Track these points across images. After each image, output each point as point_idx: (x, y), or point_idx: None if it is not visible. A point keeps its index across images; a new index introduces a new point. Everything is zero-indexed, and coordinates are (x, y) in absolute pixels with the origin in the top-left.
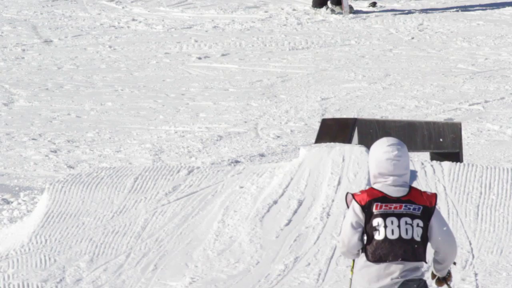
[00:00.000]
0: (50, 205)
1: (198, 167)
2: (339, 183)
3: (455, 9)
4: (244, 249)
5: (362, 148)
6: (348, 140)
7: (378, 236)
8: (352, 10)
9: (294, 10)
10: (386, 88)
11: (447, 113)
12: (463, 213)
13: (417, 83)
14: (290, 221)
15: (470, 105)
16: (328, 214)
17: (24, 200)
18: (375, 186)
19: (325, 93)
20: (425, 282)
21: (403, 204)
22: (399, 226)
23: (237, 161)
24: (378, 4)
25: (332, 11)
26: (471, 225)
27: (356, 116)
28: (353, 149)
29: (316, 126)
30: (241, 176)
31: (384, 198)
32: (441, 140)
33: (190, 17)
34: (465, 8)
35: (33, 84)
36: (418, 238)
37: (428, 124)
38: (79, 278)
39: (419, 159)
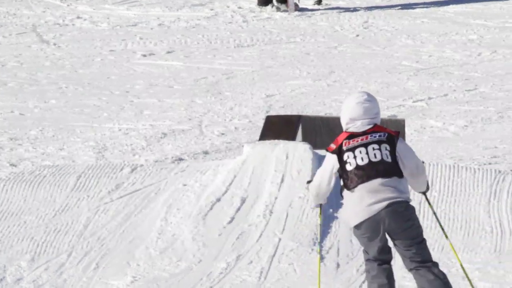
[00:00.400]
0: None
1: (141, 165)
2: (282, 180)
3: (399, 7)
4: (187, 247)
5: (306, 146)
6: (292, 138)
7: (350, 166)
8: (297, 8)
9: (239, 7)
10: (331, 85)
11: (391, 110)
12: None
13: (361, 80)
14: (233, 219)
15: (413, 101)
16: (271, 212)
17: None
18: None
19: (270, 90)
20: (413, 207)
21: (369, 135)
22: (367, 153)
23: (180, 159)
24: (324, 2)
25: (278, 8)
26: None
27: (300, 113)
28: (297, 147)
29: (261, 123)
30: (185, 173)
31: (351, 136)
32: None
33: (136, 14)
34: (409, 6)
35: None
36: (388, 159)
37: None
38: (20, 278)
39: None
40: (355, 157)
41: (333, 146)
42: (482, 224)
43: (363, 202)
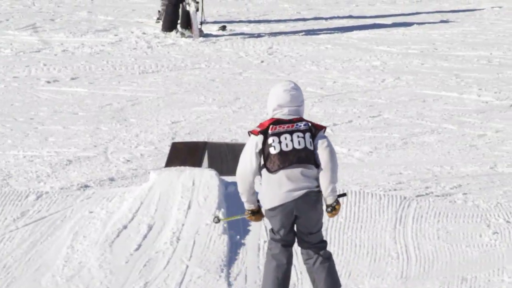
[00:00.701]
0: None
1: (47, 192)
2: (189, 207)
3: (303, 33)
4: (94, 275)
5: (212, 172)
6: (198, 164)
7: (274, 150)
8: (202, 34)
9: (144, 33)
10: (236, 112)
11: None
12: None
13: (266, 106)
14: (140, 246)
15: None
16: (178, 239)
17: None
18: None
19: (175, 117)
20: (322, 197)
21: (295, 124)
22: (292, 140)
23: (86, 186)
24: (228, 28)
25: (182, 34)
26: None
27: (206, 140)
28: (203, 173)
29: (166, 150)
30: (91, 201)
31: (278, 121)
32: None
33: (39, 41)
34: (313, 32)
35: None
36: (310, 147)
37: None
38: None
39: None
40: (280, 142)
41: (258, 129)
42: (388, 250)
43: (282, 187)
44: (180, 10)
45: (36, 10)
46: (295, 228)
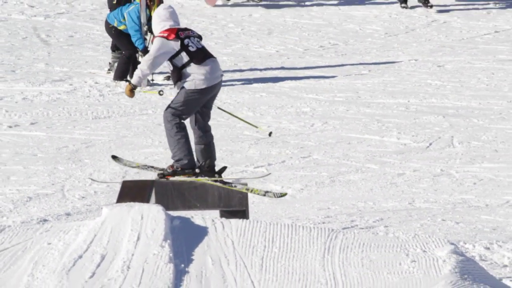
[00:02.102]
0: None
1: (9, 226)
2: (138, 238)
3: (241, 82)
4: None
5: (159, 207)
6: (147, 200)
7: (193, 48)
8: (149, 83)
9: (96, 83)
10: None
11: (235, 175)
12: (249, 264)
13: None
14: (94, 273)
15: (255, 167)
16: (129, 267)
17: None
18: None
19: (125, 158)
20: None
21: (190, 31)
22: (193, 42)
23: (45, 220)
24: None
25: None
26: (256, 276)
27: (153, 179)
28: (151, 208)
29: (118, 187)
30: (49, 233)
31: (180, 29)
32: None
33: (1, 89)
34: (249, 82)
35: None
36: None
37: (218, 185)
38: None
39: (210, 217)
40: (192, 42)
41: (170, 35)
42: (317, 277)
43: (213, 72)
44: (131, 65)
45: None
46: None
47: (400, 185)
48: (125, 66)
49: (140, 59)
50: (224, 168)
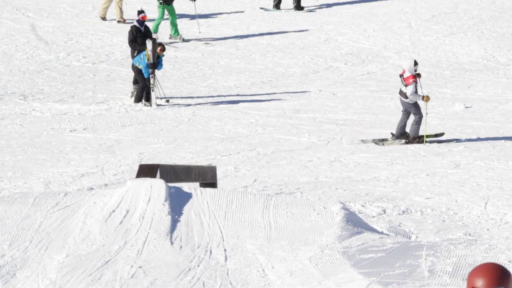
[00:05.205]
0: None
1: (70, 192)
2: (149, 200)
3: (212, 104)
4: (96, 236)
5: (162, 181)
6: (154, 176)
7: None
8: (156, 104)
9: (123, 104)
10: (175, 147)
11: (209, 161)
12: (217, 216)
13: (192, 144)
14: (122, 222)
15: (221, 156)
16: (143, 217)
17: None
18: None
19: (141, 150)
20: None
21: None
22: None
23: (92, 188)
24: (170, 101)
25: (145, 104)
26: (222, 223)
27: (158, 163)
28: (157, 181)
29: (136, 168)
30: (94, 196)
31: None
32: (205, 175)
33: (65, 108)
34: (217, 103)
35: None
36: None
37: (198, 167)
38: None
39: (193, 187)
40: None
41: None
42: (259, 224)
43: None
44: (144, 92)
45: (63, 91)
46: None
47: (310, 167)
48: (141, 94)
49: (152, 91)
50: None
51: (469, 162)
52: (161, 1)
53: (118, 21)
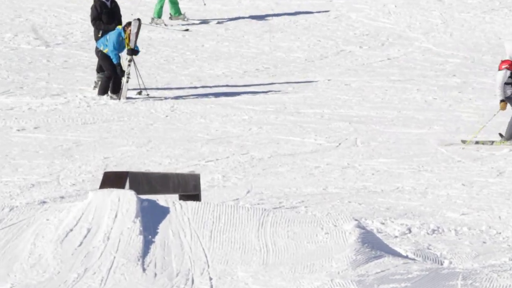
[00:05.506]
0: None
1: (17, 206)
2: (116, 216)
3: (195, 96)
4: (49, 262)
5: (132, 192)
6: (122, 187)
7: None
8: (125, 97)
9: (85, 96)
10: (149, 150)
11: (190, 167)
12: (201, 236)
13: (169, 147)
14: (81, 243)
15: (205, 162)
16: (108, 238)
17: None
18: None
19: (106, 154)
20: None
21: None
22: None
23: (44, 202)
24: (144, 93)
25: (111, 97)
26: (207, 244)
27: (127, 170)
28: (126, 193)
29: (100, 177)
30: (47, 212)
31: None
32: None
33: (12, 101)
34: (202, 96)
35: None
36: None
37: (177, 175)
38: None
39: (171, 199)
40: None
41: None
42: (253, 245)
43: None
44: (111, 82)
45: (9, 81)
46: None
47: (317, 175)
48: (106, 84)
49: (124, 79)
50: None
51: None
52: None
53: None
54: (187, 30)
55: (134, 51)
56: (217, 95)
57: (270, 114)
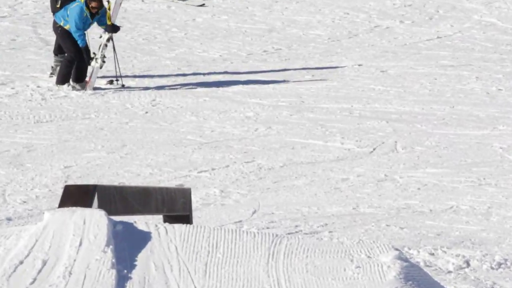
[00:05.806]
0: None
1: None
2: (80, 244)
3: (184, 87)
4: None
5: (102, 212)
6: (89, 205)
7: None
8: (92, 87)
9: (38, 87)
10: (123, 157)
11: (178, 180)
12: (193, 270)
13: (151, 152)
14: (35, 279)
15: (198, 172)
16: (70, 273)
17: None
18: None
19: (68, 162)
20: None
21: None
22: None
23: None
24: (117, 82)
25: (74, 87)
26: (200, 282)
27: (96, 183)
28: (93, 213)
29: (60, 192)
30: None
31: None
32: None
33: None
34: (192, 86)
35: None
36: None
37: (161, 189)
38: None
39: (153, 222)
40: None
41: None
42: (262, 283)
43: None
44: (74, 68)
45: None
46: None
47: (344, 190)
48: (67, 70)
49: (94, 63)
50: None
51: None
52: None
53: None
54: (202, 5)
55: (115, 28)
56: (212, 84)
57: (282, 110)
